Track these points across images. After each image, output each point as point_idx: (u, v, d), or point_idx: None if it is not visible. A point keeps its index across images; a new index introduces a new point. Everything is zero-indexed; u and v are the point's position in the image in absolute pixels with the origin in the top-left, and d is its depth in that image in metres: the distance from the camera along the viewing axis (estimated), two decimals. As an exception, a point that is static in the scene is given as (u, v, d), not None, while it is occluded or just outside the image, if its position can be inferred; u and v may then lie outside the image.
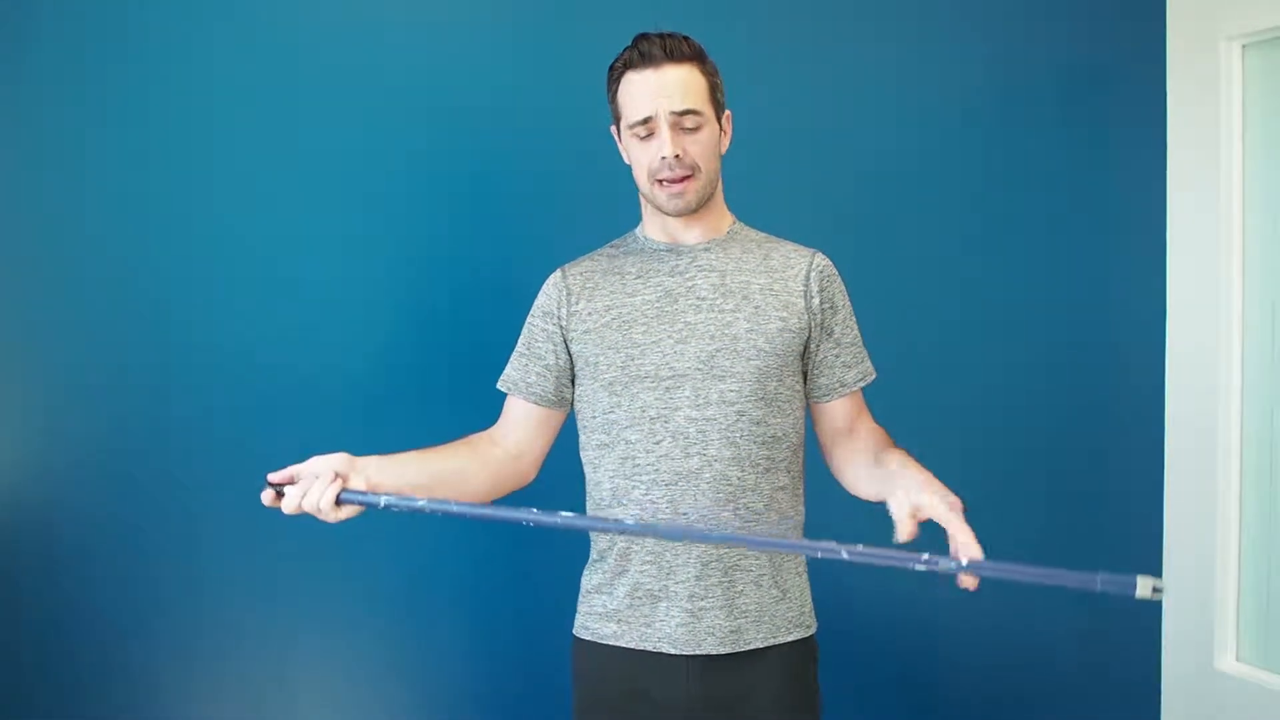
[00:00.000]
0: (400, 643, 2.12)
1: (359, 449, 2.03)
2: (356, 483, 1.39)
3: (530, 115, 2.12)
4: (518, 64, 2.12)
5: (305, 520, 2.02)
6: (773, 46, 2.21)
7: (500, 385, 1.60)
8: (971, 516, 1.58)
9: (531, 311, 1.60)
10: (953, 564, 1.19)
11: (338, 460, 1.40)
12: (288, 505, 1.37)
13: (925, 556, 1.19)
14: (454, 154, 2.10)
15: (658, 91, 1.44)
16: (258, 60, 2.02)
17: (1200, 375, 2.29)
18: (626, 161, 1.56)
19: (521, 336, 1.60)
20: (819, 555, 1.25)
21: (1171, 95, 2.33)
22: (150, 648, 2.03)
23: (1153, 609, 2.38)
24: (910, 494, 1.26)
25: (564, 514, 1.37)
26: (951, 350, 2.32)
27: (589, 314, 1.53)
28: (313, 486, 1.36)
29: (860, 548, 1.22)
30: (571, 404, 1.59)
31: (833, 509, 1.79)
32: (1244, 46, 2.20)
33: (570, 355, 1.56)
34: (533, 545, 2.11)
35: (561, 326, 1.55)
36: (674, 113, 1.44)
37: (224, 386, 2.02)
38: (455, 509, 1.38)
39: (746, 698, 1.51)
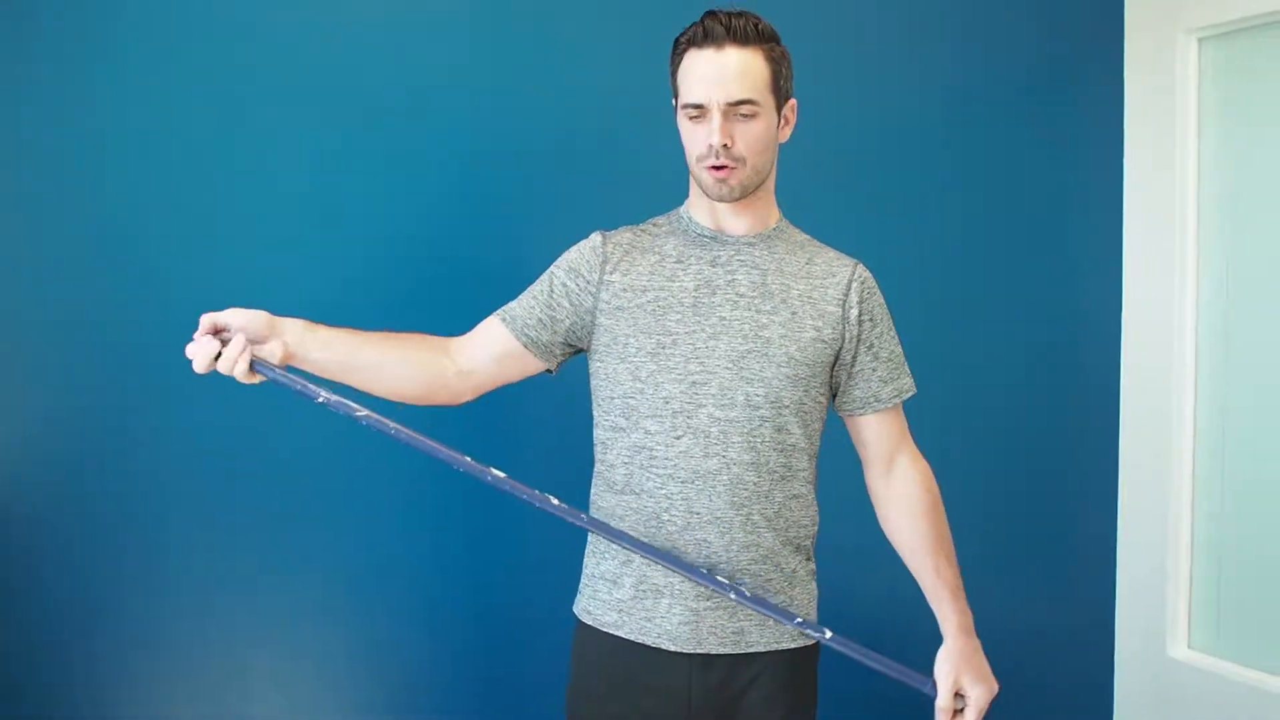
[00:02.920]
0: (368, 633, 2.10)
1: (336, 441, 2.04)
2: (273, 348, 1.36)
3: (523, 107, 2.08)
4: (511, 55, 2.08)
5: (269, 506, 2.02)
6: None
7: (499, 312, 1.53)
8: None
9: (557, 263, 1.53)
10: (819, 633, 1.47)
11: (256, 322, 1.36)
12: (199, 364, 1.33)
13: (798, 619, 1.46)
14: (440, 149, 2.05)
15: (713, 77, 1.39)
16: (232, 51, 1.97)
17: (1155, 367, 2.31)
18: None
19: (538, 282, 1.53)
20: (710, 588, 1.44)
21: (1129, 88, 2.35)
22: (107, 640, 1.99)
23: (1107, 599, 2.41)
24: (955, 675, 1.50)
25: (495, 471, 1.35)
26: (908, 344, 2.31)
27: (624, 290, 1.48)
28: (227, 349, 1.33)
29: (746, 593, 1.44)
30: (552, 361, 1.53)
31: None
32: (1200, 40, 2.23)
33: (586, 322, 1.50)
34: (500, 531, 2.09)
35: (591, 292, 1.49)
36: (727, 103, 1.40)
37: (186, 376, 1.98)
38: (392, 431, 1.34)
39: (744, 692, 1.50)
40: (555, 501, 1.40)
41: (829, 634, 1.45)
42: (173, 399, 1.98)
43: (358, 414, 1.35)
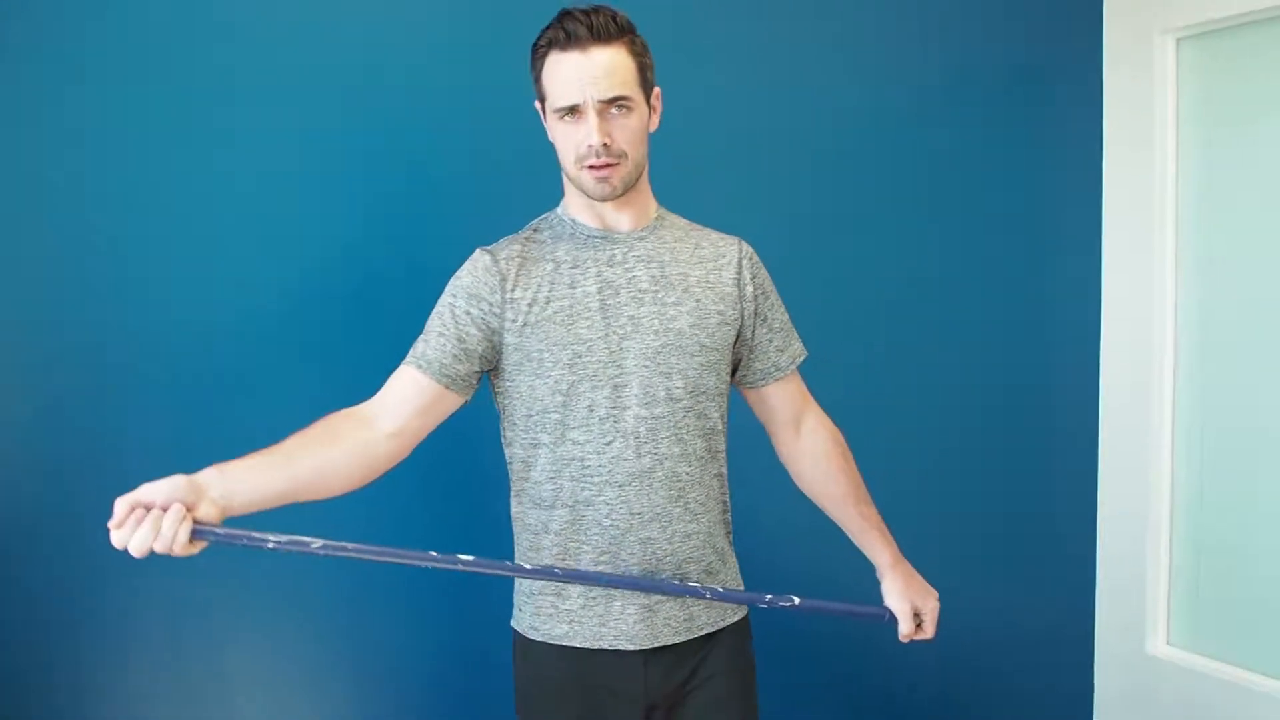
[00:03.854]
0: (350, 634, 2.09)
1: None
2: (207, 510, 1.25)
3: (448, 95, 2.08)
4: (475, 60, 2.08)
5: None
6: (711, 41, 2.19)
7: (410, 361, 1.46)
8: (909, 505, 1.62)
9: (452, 291, 1.48)
10: (787, 602, 1.50)
11: (179, 488, 1.23)
12: (136, 547, 1.20)
13: (768, 597, 1.51)
14: (403, 151, 2.04)
15: (584, 77, 1.38)
16: (202, 54, 1.96)
17: (1134, 365, 2.33)
18: (551, 139, 1.48)
19: (438, 316, 1.48)
20: (688, 595, 1.47)
21: (1108, 88, 2.36)
22: (88, 641, 1.98)
23: (1086, 595, 2.42)
24: (909, 600, 1.61)
25: (464, 557, 1.34)
26: (889, 343, 2.33)
27: (528, 304, 1.45)
28: (164, 524, 1.21)
29: (720, 590, 1.49)
30: (470, 391, 1.49)
31: (759, 490, 1.81)
32: (1178, 40, 2.24)
33: (496, 343, 1.47)
34: (468, 539, 2.08)
35: (496, 314, 1.46)
36: (602, 101, 1.39)
37: (158, 376, 1.97)
38: (352, 552, 1.28)
39: (695, 673, 1.52)
40: (528, 567, 1.43)
41: (798, 600, 1.50)
42: (150, 401, 1.96)
43: (313, 547, 1.27)
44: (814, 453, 1.62)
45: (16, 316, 1.93)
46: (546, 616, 1.52)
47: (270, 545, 1.26)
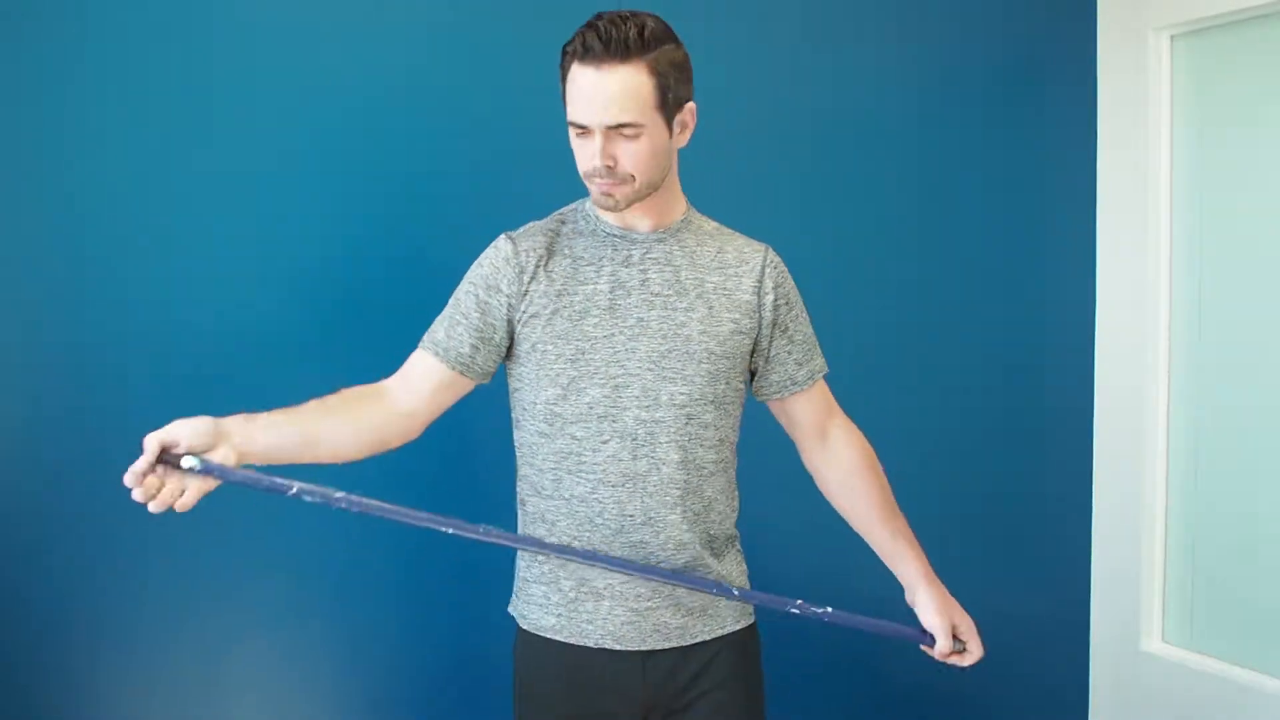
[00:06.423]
0: (337, 639, 2.09)
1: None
2: (224, 454, 1.28)
3: (447, 94, 2.08)
4: (469, 59, 2.08)
5: (242, 505, 1.99)
6: (701, 41, 2.17)
7: (426, 346, 1.49)
8: (904, 501, 1.60)
9: (471, 278, 1.50)
10: (820, 611, 1.47)
11: (201, 434, 1.28)
12: (156, 506, 1.27)
13: (799, 602, 1.47)
14: (399, 151, 2.05)
15: (594, 99, 1.36)
16: (194, 53, 1.95)
17: (1128, 363, 2.33)
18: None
19: (456, 302, 1.50)
20: (714, 594, 1.48)
21: (1101, 86, 2.36)
22: (82, 642, 1.97)
23: (1081, 592, 2.42)
24: (944, 615, 1.55)
25: (487, 528, 1.36)
26: (882, 341, 2.33)
27: (541, 296, 1.46)
28: (171, 493, 1.26)
29: (746, 590, 1.52)
30: (487, 376, 1.51)
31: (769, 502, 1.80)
32: (1172, 37, 2.24)
33: (510, 334, 1.48)
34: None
35: (509, 305, 1.47)
36: (608, 126, 1.37)
37: (155, 375, 1.96)
38: (374, 509, 1.31)
39: (696, 680, 1.50)
40: (550, 541, 1.44)
41: (830, 610, 1.48)
42: (144, 399, 1.96)
43: (335, 497, 1.30)
44: (843, 467, 1.58)
45: (11, 316, 1.92)
46: (537, 606, 1.51)
47: (293, 492, 1.28)
